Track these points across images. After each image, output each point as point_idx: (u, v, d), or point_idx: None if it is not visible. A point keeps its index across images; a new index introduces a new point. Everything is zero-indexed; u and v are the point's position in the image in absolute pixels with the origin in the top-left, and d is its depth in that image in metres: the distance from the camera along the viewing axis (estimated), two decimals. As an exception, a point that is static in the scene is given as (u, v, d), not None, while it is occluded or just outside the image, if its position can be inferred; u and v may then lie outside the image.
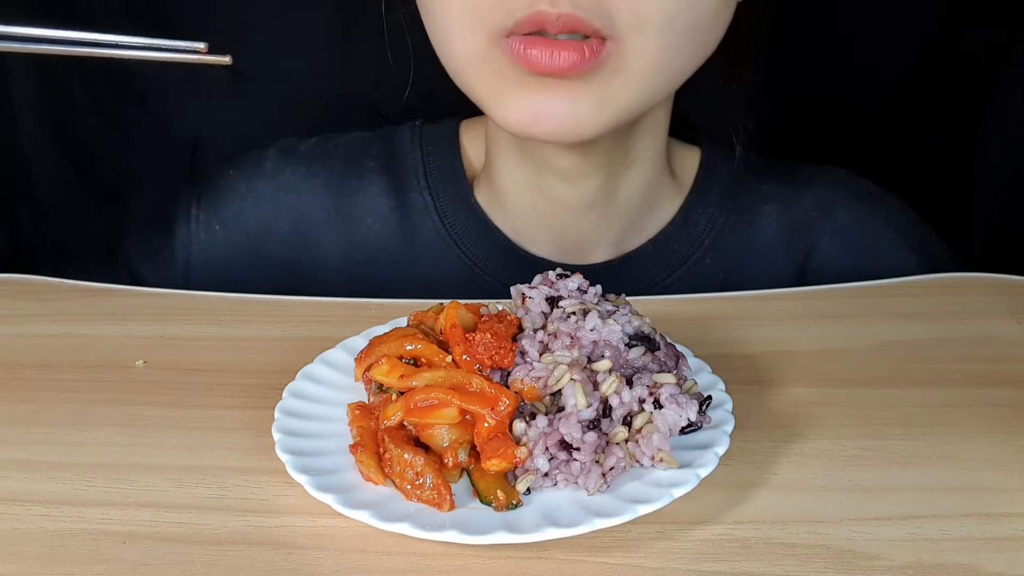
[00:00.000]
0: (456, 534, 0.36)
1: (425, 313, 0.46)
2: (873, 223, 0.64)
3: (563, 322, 0.42)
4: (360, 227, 0.65)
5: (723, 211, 0.64)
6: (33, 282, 0.59)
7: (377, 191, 0.66)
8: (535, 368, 0.41)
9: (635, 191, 0.61)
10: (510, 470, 0.39)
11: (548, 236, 0.63)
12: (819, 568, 0.36)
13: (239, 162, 0.68)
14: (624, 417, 0.40)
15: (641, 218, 0.63)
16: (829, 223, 0.64)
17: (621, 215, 0.62)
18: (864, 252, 0.64)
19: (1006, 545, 0.37)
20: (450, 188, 0.65)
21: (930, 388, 0.47)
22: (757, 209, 0.64)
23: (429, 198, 0.65)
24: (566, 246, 0.63)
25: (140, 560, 0.36)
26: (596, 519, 0.36)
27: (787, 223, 0.64)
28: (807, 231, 0.64)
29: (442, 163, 0.65)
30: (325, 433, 0.42)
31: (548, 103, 0.49)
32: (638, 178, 0.61)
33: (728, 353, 0.48)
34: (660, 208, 0.64)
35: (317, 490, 0.38)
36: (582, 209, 0.61)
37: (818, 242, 0.64)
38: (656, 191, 0.63)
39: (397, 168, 0.66)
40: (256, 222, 0.66)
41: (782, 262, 0.64)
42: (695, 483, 0.38)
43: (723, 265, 0.63)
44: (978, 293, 0.56)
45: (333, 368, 0.46)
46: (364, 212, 0.65)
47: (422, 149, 0.66)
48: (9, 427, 0.45)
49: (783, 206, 0.65)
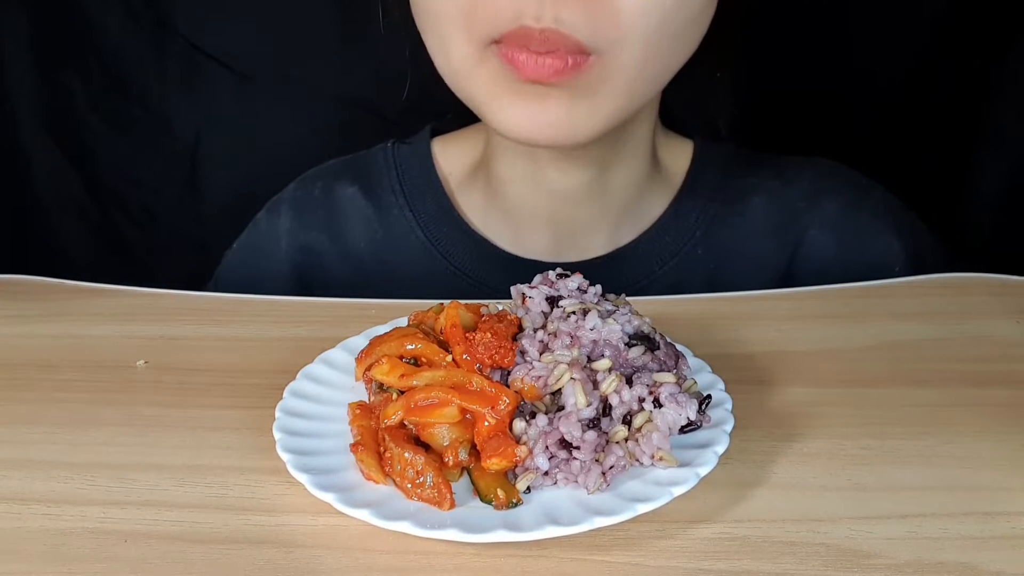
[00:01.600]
0: (456, 532, 0.36)
1: (425, 313, 0.46)
2: (859, 211, 0.65)
3: (563, 321, 0.42)
4: (355, 251, 0.67)
5: (713, 203, 0.65)
6: (33, 282, 0.59)
7: (361, 215, 0.67)
8: (535, 367, 0.41)
9: (628, 180, 0.63)
10: (510, 469, 0.39)
11: (546, 230, 0.64)
12: (818, 566, 0.36)
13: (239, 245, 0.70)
14: (624, 416, 0.40)
15: (634, 209, 0.65)
16: (816, 213, 0.65)
17: (615, 205, 0.64)
18: (851, 240, 0.65)
19: (1005, 544, 0.37)
20: (430, 203, 0.66)
21: (929, 388, 0.47)
22: (746, 200, 0.66)
23: (410, 214, 0.66)
24: (563, 239, 0.64)
25: (141, 559, 0.37)
26: (596, 517, 0.36)
27: (775, 214, 0.65)
28: (795, 221, 0.65)
29: (418, 179, 0.67)
30: (326, 432, 0.42)
31: (544, 113, 0.51)
32: (630, 168, 0.63)
33: (728, 353, 0.48)
34: (652, 200, 0.65)
35: (318, 489, 0.38)
36: (579, 199, 0.62)
37: (806, 232, 0.65)
38: (648, 182, 0.64)
39: (375, 188, 0.67)
40: (264, 276, 0.68)
41: (771, 252, 0.65)
42: (695, 482, 0.38)
43: (714, 256, 0.64)
44: (977, 293, 0.56)
45: (333, 368, 0.46)
46: (355, 236, 0.67)
47: (397, 168, 0.68)
48: (9, 427, 0.45)
49: (771, 197, 0.66)
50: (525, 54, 0.49)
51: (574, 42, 0.48)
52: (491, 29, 0.50)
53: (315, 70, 0.80)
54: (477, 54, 0.51)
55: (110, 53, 0.80)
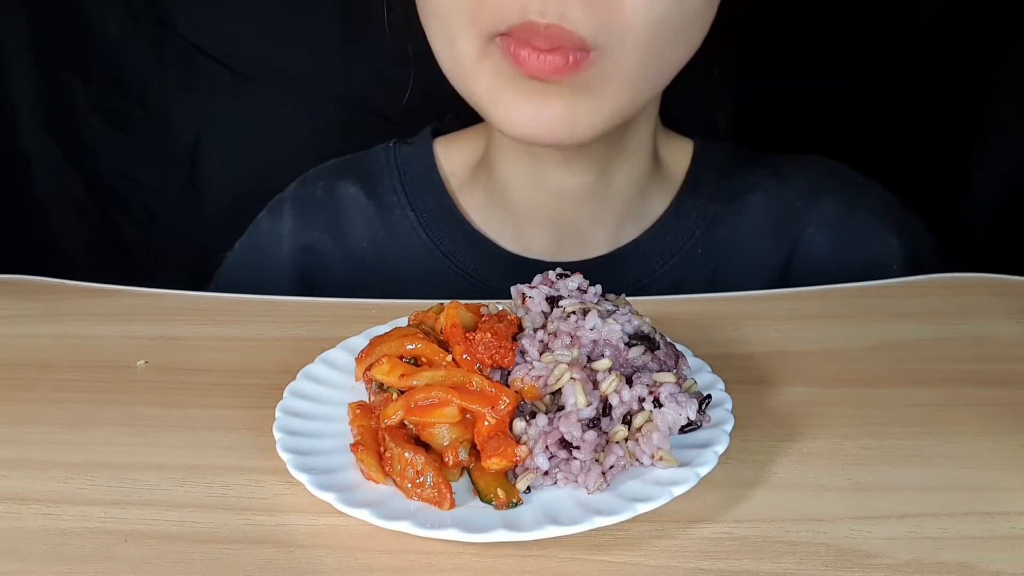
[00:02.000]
0: (456, 532, 0.36)
1: (425, 313, 0.46)
2: (857, 210, 0.65)
3: (563, 321, 0.42)
4: (357, 251, 0.67)
5: (713, 202, 0.65)
6: (33, 282, 0.59)
7: (363, 215, 0.67)
8: (535, 367, 0.41)
9: (630, 179, 0.63)
10: (510, 468, 0.39)
11: (547, 229, 0.64)
12: (818, 566, 0.36)
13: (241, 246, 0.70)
14: (624, 416, 0.40)
15: (635, 208, 0.65)
16: (814, 212, 0.65)
17: (617, 204, 0.64)
18: (849, 239, 0.65)
19: (1005, 543, 0.37)
20: (432, 202, 0.66)
21: (929, 388, 0.47)
22: (745, 200, 0.66)
23: (412, 215, 0.66)
24: (564, 238, 0.64)
25: (141, 559, 0.37)
26: (596, 517, 0.36)
27: (774, 213, 0.66)
28: (793, 220, 0.65)
29: (420, 179, 0.67)
30: (326, 432, 0.42)
31: (546, 110, 0.51)
32: (632, 168, 0.63)
33: (728, 353, 0.48)
34: (653, 199, 0.65)
35: (318, 489, 0.38)
36: (581, 199, 0.62)
37: (804, 231, 0.65)
38: (649, 181, 0.65)
39: (376, 189, 0.67)
40: (266, 277, 0.68)
41: (770, 251, 0.65)
42: (695, 482, 0.38)
43: (713, 255, 0.64)
44: (977, 293, 0.56)
45: (333, 368, 0.46)
46: (357, 237, 0.67)
47: (398, 168, 0.68)
48: (10, 427, 0.45)
49: (769, 196, 0.66)
50: (528, 50, 0.49)
51: (578, 38, 0.49)
52: (497, 23, 0.50)
53: (315, 70, 0.80)
54: (481, 48, 0.51)
55: (110, 53, 0.80)
